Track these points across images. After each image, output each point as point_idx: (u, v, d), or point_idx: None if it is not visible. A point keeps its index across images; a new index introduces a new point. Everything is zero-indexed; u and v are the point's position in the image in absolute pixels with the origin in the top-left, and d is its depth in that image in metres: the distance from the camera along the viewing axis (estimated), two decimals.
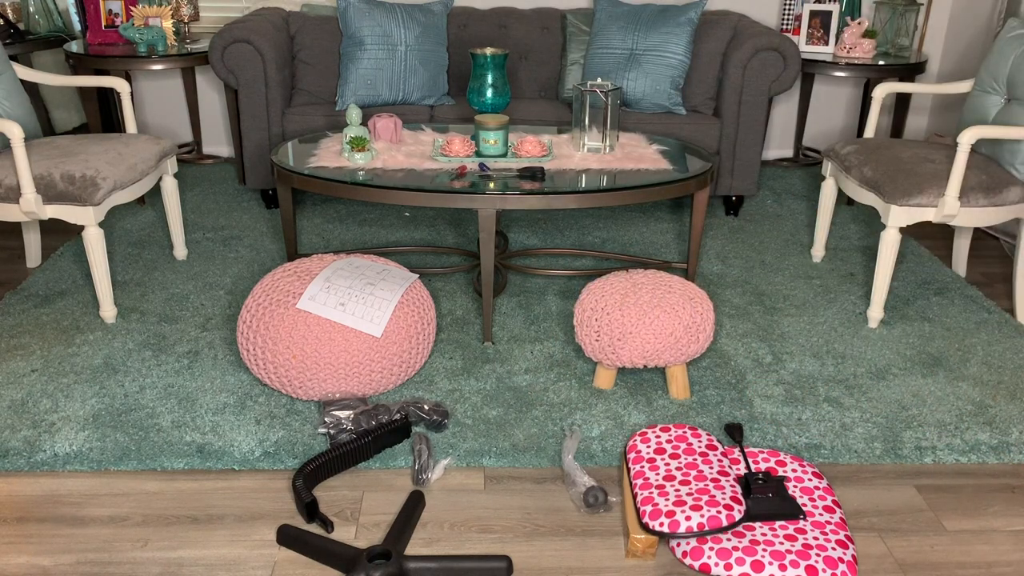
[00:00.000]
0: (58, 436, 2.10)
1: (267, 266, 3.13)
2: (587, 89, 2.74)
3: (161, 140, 2.92)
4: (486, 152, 2.73)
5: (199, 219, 3.58)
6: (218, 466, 2.02)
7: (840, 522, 1.76)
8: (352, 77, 3.51)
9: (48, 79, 3.02)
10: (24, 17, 3.94)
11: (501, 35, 3.86)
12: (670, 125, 3.49)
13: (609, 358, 2.27)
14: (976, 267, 3.25)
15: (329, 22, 3.69)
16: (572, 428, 2.18)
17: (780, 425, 2.20)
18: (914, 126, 4.47)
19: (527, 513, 1.89)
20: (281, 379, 2.21)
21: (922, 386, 2.39)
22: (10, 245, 3.33)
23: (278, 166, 2.66)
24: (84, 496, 1.91)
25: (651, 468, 1.85)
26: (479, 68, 3.01)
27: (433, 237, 3.41)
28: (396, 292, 2.26)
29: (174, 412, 2.21)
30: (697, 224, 2.78)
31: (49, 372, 2.39)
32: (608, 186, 2.52)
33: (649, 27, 3.54)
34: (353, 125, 2.71)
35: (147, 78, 4.34)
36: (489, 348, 2.57)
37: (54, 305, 2.79)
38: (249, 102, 3.46)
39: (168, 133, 4.46)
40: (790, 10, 4.06)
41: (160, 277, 3.02)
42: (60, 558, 1.73)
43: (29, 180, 2.46)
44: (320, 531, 1.82)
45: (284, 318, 2.18)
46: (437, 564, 1.67)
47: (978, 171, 2.62)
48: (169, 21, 3.87)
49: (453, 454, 2.07)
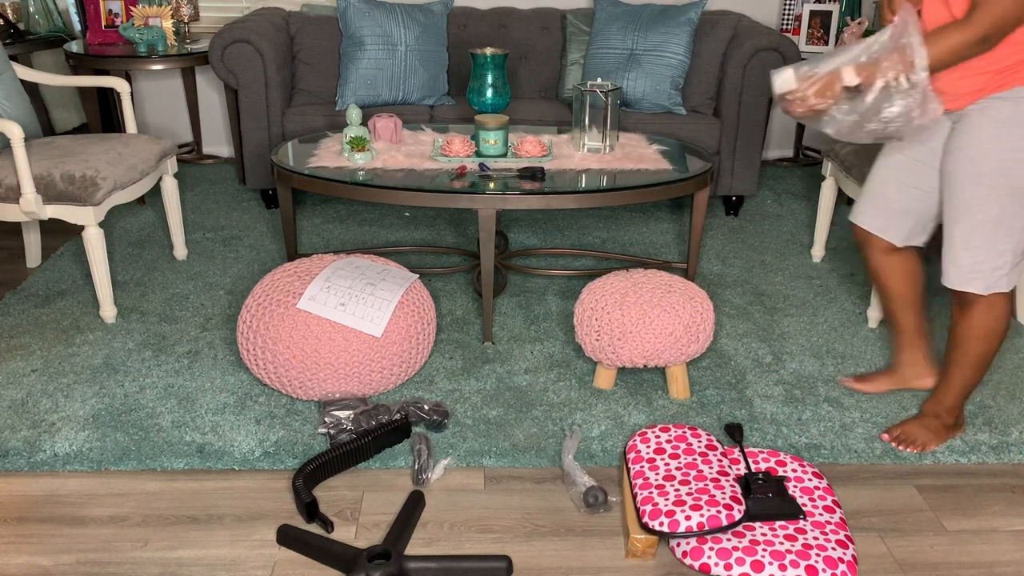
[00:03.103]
0: (58, 436, 2.10)
1: (267, 266, 3.13)
2: (587, 89, 2.74)
3: (161, 140, 2.92)
4: (486, 152, 2.73)
5: (199, 219, 3.58)
6: (218, 466, 2.02)
7: (840, 522, 1.76)
8: (352, 77, 3.51)
9: (48, 79, 3.02)
10: (24, 17, 3.94)
11: (501, 35, 3.86)
12: (670, 125, 3.49)
13: (609, 358, 2.27)
14: None
15: (329, 22, 3.69)
16: (572, 428, 2.18)
17: (780, 425, 2.20)
18: None
19: (527, 513, 1.89)
20: (281, 379, 2.21)
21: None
22: (10, 245, 3.33)
23: (278, 166, 2.66)
24: (84, 496, 1.91)
25: (651, 468, 1.85)
26: (479, 68, 3.01)
27: (433, 237, 3.41)
28: (396, 292, 2.27)
29: (174, 412, 2.21)
30: (697, 224, 2.78)
31: (49, 372, 2.39)
32: (608, 186, 2.52)
33: (649, 27, 3.54)
34: (353, 125, 2.71)
35: (147, 78, 4.34)
36: (489, 348, 2.57)
37: (54, 305, 2.79)
38: (249, 102, 3.46)
39: (168, 133, 4.46)
40: (790, 10, 4.06)
41: (160, 277, 3.02)
42: (60, 558, 1.73)
43: (29, 180, 2.46)
44: (320, 531, 1.82)
45: (284, 318, 2.18)
46: (437, 564, 1.67)
47: None
48: (169, 21, 3.87)
49: (453, 454, 2.07)
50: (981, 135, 1.81)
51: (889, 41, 1.75)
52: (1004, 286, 1.90)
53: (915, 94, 1.75)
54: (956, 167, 1.87)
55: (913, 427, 2.12)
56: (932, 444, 2.10)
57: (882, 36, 1.77)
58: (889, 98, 1.76)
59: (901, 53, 1.73)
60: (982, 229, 1.85)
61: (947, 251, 1.93)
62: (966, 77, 1.80)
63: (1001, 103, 1.78)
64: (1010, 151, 1.79)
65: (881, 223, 2.12)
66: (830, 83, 1.76)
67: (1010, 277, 1.90)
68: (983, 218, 1.84)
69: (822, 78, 1.76)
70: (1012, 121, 1.77)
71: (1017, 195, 1.81)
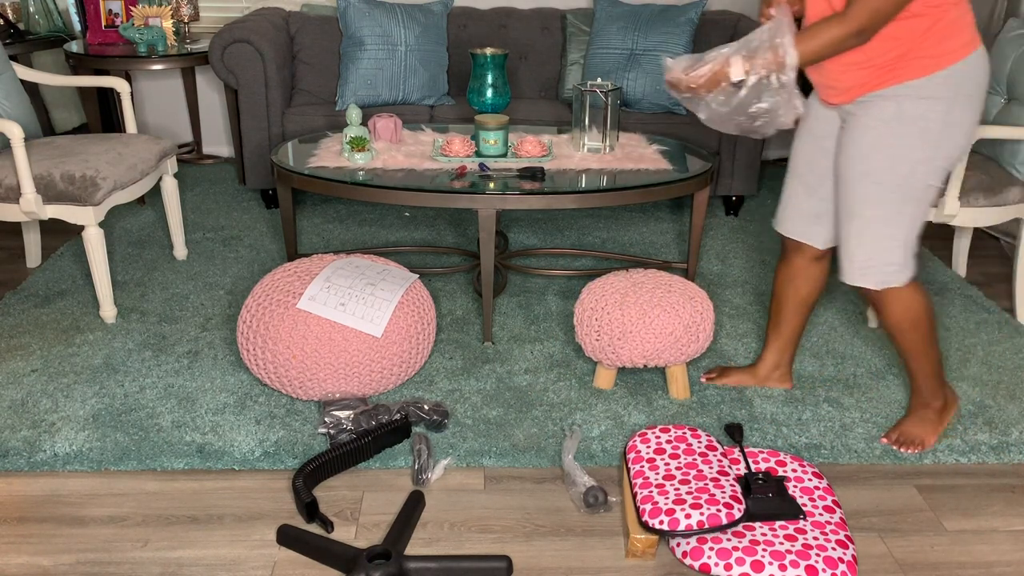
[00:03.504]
0: (58, 436, 2.10)
1: (267, 266, 3.13)
2: (587, 89, 2.74)
3: (161, 140, 2.92)
4: (486, 152, 2.73)
5: (199, 219, 3.58)
6: (218, 466, 2.02)
7: (840, 522, 1.76)
8: (352, 77, 3.52)
9: (48, 79, 3.02)
10: (24, 17, 3.94)
11: (501, 35, 3.86)
12: (670, 125, 3.49)
13: (609, 358, 2.27)
14: (976, 267, 3.25)
15: (329, 22, 3.69)
16: (572, 428, 2.18)
17: (780, 425, 2.20)
18: None
19: (527, 513, 1.89)
20: (281, 379, 2.21)
21: None
22: (10, 245, 3.33)
23: (278, 166, 2.66)
24: (84, 496, 1.91)
25: (651, 468, 1.85)
26: (479, 68, 3.01)
27: (433, 237, 3.41)
28: (396, 292, 2.27)
29: (174, 412, 2.21)
30: (697, 224, 2.78)
31: (49, 372, 2.39)
32: (608, 186, 2.52)
33: (649, 27, 3.54)
34: (353, 125, 2.71)
35: (147, 78, 4.34)
36: (489, 348, 2.57)
37: (54, 305, 2.79)
38: (249, 102, 3.46)
39: (168, 133, 4.46)
40: None
41: (160, 277, 3.02)
42: (60, 558, 1.73)
43: (29, 180, 2.46)
44: (320, 531, 1.82)
45: (284, 318, 2.18)
46: (437, 564, 1.67)
47: (978, 171, 2.62)
48: (169, 21, 3.87)
49: (453, 454, 2.07)
50: (867, 134, 1.87)
51: (766, 38, 1.82)
52: (897, 281, 1.94)
53: (783, 93, 1.84)
54: (845, 165, 1.92)
55: (909, 426, 2.13)
56: (931, 438, 2.11)
57: (761, 33, 1.83)
58: (759, 95, 1.84)
59: (774, 52, 1.80)
60: (872, 225, 1.90)
61: (842, 248, 1.98)
62: (848, 71, 1.86)
63: (884, 102, 1.84)
64: (894, 148, 1.84)
65: (801, 230, 2.16)
66: (715, 77, 1.83)
67: (902, 272, 1.93)
68: (872, 214, 1.89)
69: (709, 70, 1.84)
70: (895, 120, 1.83)
71: (903, 191, 1.86)
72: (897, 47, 1.79)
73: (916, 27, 1.76)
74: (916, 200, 1.87)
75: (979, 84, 1.82)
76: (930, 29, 1.76)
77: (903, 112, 1.82)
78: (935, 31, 1.76)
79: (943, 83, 1.79)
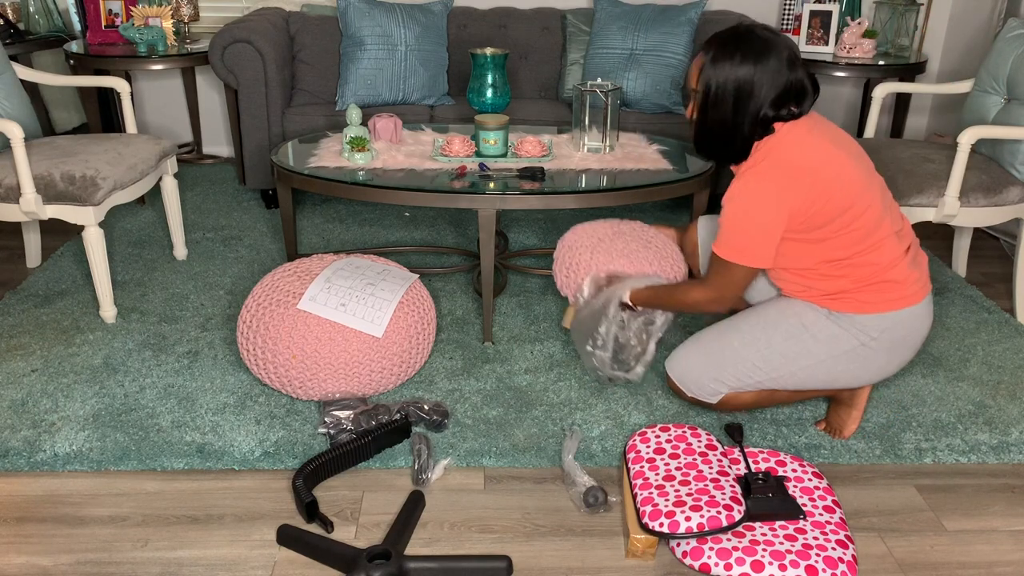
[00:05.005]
0: (58, 436, 2.10)
1: (267, 266, 3.13)
2: (587, 89, 2.74)
3: (161, 140, 2.92)
4: (486, 152, 2.73)
5: (199, 219, 3.58)
6: (218, 466, 2.02)
7: (840, 522, 1.76)
8: (352, 77, 3.52)
9: (48, 79, 3.02)
10: (24, 17, 3.94)
11: (501, 35, 3.86)
12: (670, 125, 3.49)
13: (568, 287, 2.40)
14: (976, 267, 3.25)
15: (329, 22, 3.69)
16: (572, 428, 2.18)
17: (780, 425, 2.20)
18: (914, 126, 4.47)
19: (527, 513, 1.89)
20: (281, 379, 2.21)
21: (922, 386, 2.39)
22: (10, 245, 3.33)
23: (278, 166, 2.66)
24: (84, 496, 1.91)
25: (651, 468, 1.85)
26: (479, 68, 3.01)
27: (433, 237, 3.41)
28: (396, 292, 2.26)
29: (174, 412, 2.21)
30: None
31: (49, 372, 2.39)
32: (608, 186, 2.52)
33: (649, 27, 3.54)
34: (353, 125, 2.71)
35: (147, 78, 4.34)
36: (489, 348, 2.57)
37: (54, 305, 2.79)
38: (249, 102, 3.46)
39: (168, 133, 4.46)
40: (790, 10, 4.06)
41: (160, 277, 3.02)
42: (60, 558, 1.73)
43: (29, 180, 2.46)
44: (320, 531, 1.82)
45: (284, 318, 2.18)
46: (437, 564, 1.67)
47: (978, 171, 2.62)
48: (169, 21, 3.87)
49: (453, 454, 2.07)
50: (786, 312, 1.99)
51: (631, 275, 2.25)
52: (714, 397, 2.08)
53: (635, 338, 2.17)
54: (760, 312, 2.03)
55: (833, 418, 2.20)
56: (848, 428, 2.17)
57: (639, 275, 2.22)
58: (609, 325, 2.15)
59: (616, 283, 2.18)
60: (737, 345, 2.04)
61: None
62: (795, 291, 2.00)
63: (812, 309, 1.96)
64: (801, 338, 1.96)
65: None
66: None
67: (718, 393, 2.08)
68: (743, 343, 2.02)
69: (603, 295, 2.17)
70: (814, 325, 1.95)
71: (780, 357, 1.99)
72: (840, 285, 1.92)
73: (851, 275, 1.89)
74: (778, 367, 1.98)
75: (903, 338, 1.93)
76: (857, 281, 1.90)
77: (821, 324, 1.94)
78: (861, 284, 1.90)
79: (868, 324, 1.91)
